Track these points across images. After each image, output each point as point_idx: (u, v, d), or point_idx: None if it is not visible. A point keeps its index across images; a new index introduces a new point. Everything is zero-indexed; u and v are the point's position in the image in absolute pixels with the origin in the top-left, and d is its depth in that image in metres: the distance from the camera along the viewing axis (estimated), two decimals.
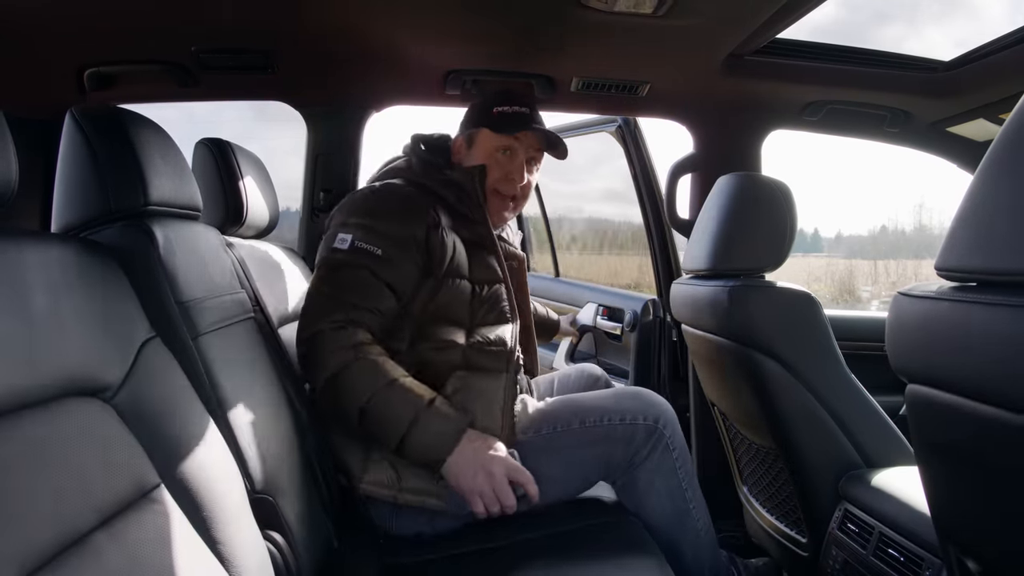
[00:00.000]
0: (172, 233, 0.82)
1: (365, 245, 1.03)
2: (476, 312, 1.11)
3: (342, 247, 1.03)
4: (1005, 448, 0.53)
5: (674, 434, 1.09)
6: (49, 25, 1.10)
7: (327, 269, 1.04)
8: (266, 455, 0.84)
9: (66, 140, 0.80)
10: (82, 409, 0.57)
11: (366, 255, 1.02)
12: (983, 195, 0.53)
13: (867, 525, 1.00)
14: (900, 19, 17.78)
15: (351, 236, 1.04)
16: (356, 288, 1.01)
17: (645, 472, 1.08)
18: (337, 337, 0.97)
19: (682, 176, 1.65)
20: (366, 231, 1.04)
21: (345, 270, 1.02)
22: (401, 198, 1.10)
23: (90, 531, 0.51)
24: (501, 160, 1.17)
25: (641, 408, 1.09)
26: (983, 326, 0.52)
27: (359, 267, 1.02)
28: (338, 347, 0.96)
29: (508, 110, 1.17)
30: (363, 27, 1.20)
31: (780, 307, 1.11)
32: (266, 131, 2.03)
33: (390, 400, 0.95)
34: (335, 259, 1.04)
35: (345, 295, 1.01)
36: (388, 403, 0.95)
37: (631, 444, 1.07)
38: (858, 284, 9.32)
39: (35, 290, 0.55)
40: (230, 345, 0.88)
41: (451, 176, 1.15)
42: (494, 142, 1.17)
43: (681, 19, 1.10)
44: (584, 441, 1.07)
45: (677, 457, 1.09)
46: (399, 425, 0.95)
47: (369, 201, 1.10)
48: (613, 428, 1.07)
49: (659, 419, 1.08)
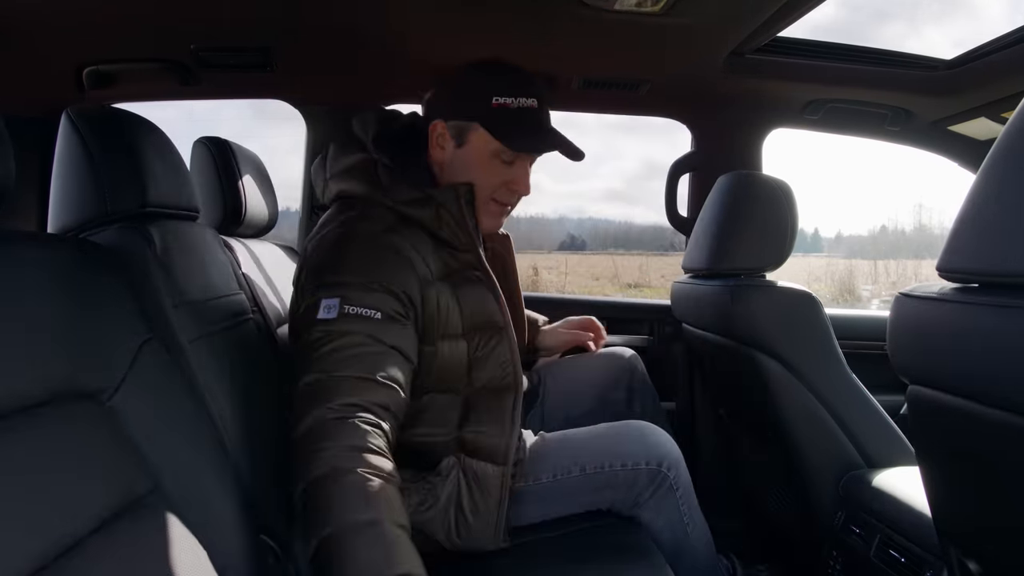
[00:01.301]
0: (170, 234, 0.82)
1: (359, 309, 0.82)
2: (473, 376, 0.94)
3: (328, 316, 0.81)
4: (1006, 449, 0.53)
5: (678, 475, 1.01)
6: (48, 23, 1.10)
7: (312, 351, 0.80)
8: (263, 458, 0.84)
9: (62, 141, 0.80)
10: (78, 411, 0.56)
11: (361, 321, 0.82)
12: (986, 196, 0.52)
13: (869, 526, 1.00)
14: (901, 17, 17.82)
15: (337, 300, 0.82)
16: (357, 361, 0.79)
17: (647, 511, 1.02)
18: (339, 430, 0.74)
19: (682, 175, 1.65)
20: (355, 289, 0.83)
21: (338, 343, 0.80)
22: (386, 244, 0.88)
23: (87, 534, 0.51)
24: (500, 167, 0.96)
25: (644, 452, 1.00)
26: (985, 328, 0.51)
27: (355, 334, 0.81)
28: (335, 444, 0.73)
29: (513, 104, 0.93)
30: (362, 25, 1.19)
31: (781, 307, 1.11)
32: (265, 130, 2.03)
33: (355, 548, 0.67)
34: (323, 334, 0.81)
35: (344, 372, 0.78)
36: (352, 550, 0.66)
37: (633, 488, 1.01)
38: (858, 284, 9.32)
39: (32, 292, 0.55)
40: (228, 347, 0.88)
41: (433, 196, 0.93)
42: (494, 147, 0.94)
43: (682, 17, 1.09)
44: (585, 488, 1.01)
45: (681, 496, 1.02)
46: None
47: (347, 250, 0.87)
48: (615, 474, 0.99)
49: (663, 462, 1.00)
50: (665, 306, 1.63)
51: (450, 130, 0.96)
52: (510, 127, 0.94)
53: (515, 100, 0.93)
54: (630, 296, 8.14)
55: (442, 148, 0.97)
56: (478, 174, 0.96)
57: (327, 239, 0.90)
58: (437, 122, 0.96)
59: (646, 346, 1.66)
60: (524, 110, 0.94)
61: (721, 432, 1.49)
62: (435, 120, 0.96)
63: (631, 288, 9.94)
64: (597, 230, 17.39)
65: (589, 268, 11.92)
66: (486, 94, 0.93)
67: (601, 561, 0.92)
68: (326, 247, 0.89)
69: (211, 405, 0.78)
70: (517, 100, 0.94)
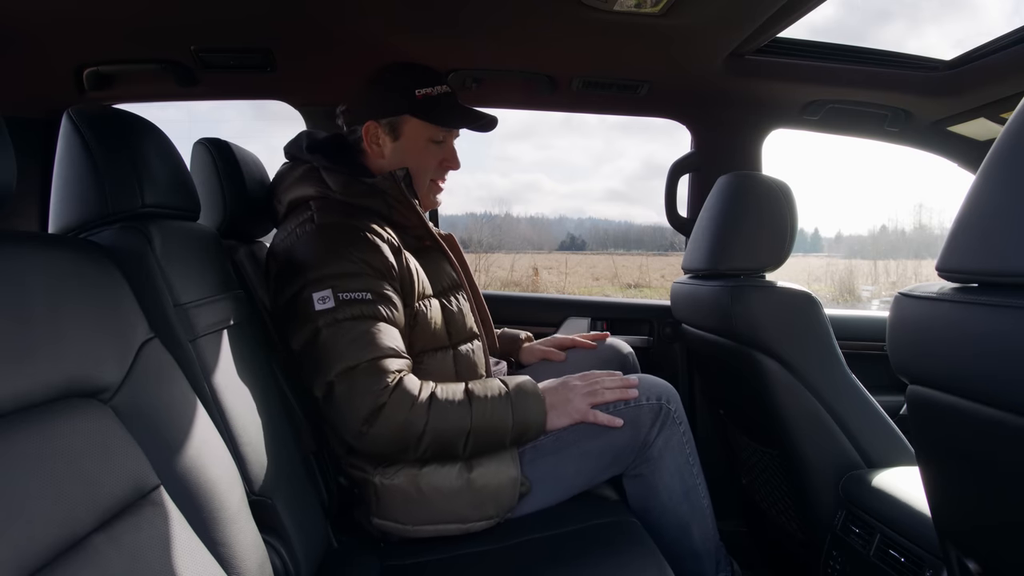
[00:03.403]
0: (170, 235, 0.82)
1: (351, 295, 0.92)
2: (452, 330, 1.07)
3: (327, 307, 0.91)
4: (1006, 449, 0.53)
5: (678, 409, 1.07)
6: (49, 24, 1.10)
7: (315, 334, 0.92)
8: (264, 457, 0.84)
9: (63, 141, 0.80)
10: (80, 410, 0.56)
11: (358, 305, 0.93)
12: (985, 196, 0.52)
13: (869, 526, 1.00)
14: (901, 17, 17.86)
15: (329, 291, 0.92)
16: (364, 341, 0.92)
17: (655, 449, 1.06)
18: (397, 396, 0.91)
19: (682, 175, 1.65)
20: (342, 278, 0.93)
21: (347, 328, 0.92)
22: (352, 228, 0.98)
23: (89, 533, 0.51)
24: (434, 150, 1.10)
25: (643, 390, 1.06)
26: (984, 327, 0.51)
27: (358, 319, 0.92)
28: (403, 401, 0.91)
29: (433, 92, 1.07)
30: (363, 26, 1.20)
31: (781, 307, 1.11)
32: (266, 130, 2.03)
33: (484, 414, 0.95)
34: (329, 322, 0.92)
35: (368, 355, 0.91)
36: (484, 417, 0.95)
37: (638, 426, 1.05)
38: (858, 284, 9.32)
39: (33, 291, 0.55)
40: (229, 347, 0.88)
41: (376, 184, 1.06)
42: (428, 132, 1.08)
43: (682, 18, 1.10)
44: (592, 432, 1.05)
45: (684, 432, 1.07)
46: (504, 429, 0.96)
47: (320, 243, 0.96)
48: (619, 413, 1.05)
49: (662, 396, 1.06)
50: (665, 306, 1.63)
51: (384, 127, 1.08)
52: (438, 110, 1.07)
53: (434, 89, 1.07)
54: (630, 296, 8.15)
55: (379, 145, 1.09)
56: (418, 159, 1.10)
57: (298, 237, 0.99)
58: (369, 123, 1.08)
59: (646, 346, 1.65)
60: (444, 95, 1.08)
61: (721, 432, 1.49)
62: (366, 123, 1.08)
63: (631, 288, 9.95)
64: (597, 230, 17.40)
65: (589, 268, 11.93)
66: (409, 88, 1.06)
67: (601, 559, 0.92)
68: (300, 245, 0.97)
69: (212, 404, 0.78)
70: (435, 88, 1.07)
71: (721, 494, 1.43)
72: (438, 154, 1.11)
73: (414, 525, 1.01)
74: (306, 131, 1.14)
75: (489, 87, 1.45)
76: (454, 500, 0.99)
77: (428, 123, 1.08)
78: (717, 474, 1.54)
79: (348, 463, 1.03)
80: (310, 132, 1.14)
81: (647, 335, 1.67)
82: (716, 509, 1.13)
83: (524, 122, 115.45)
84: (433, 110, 1.07)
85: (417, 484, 0.99)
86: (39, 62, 1.23)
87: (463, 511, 1.00)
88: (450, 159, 1.13)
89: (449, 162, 1.13)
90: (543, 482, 1.05)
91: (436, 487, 0.99)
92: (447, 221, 1.84)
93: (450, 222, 1.76)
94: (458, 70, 1.39)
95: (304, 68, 1.38)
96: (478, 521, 1.01)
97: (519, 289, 8.51)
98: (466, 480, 0.99)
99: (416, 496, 0.99)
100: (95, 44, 1.22)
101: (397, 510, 1.01)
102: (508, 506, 1.02)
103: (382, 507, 1.01)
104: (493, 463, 1.01)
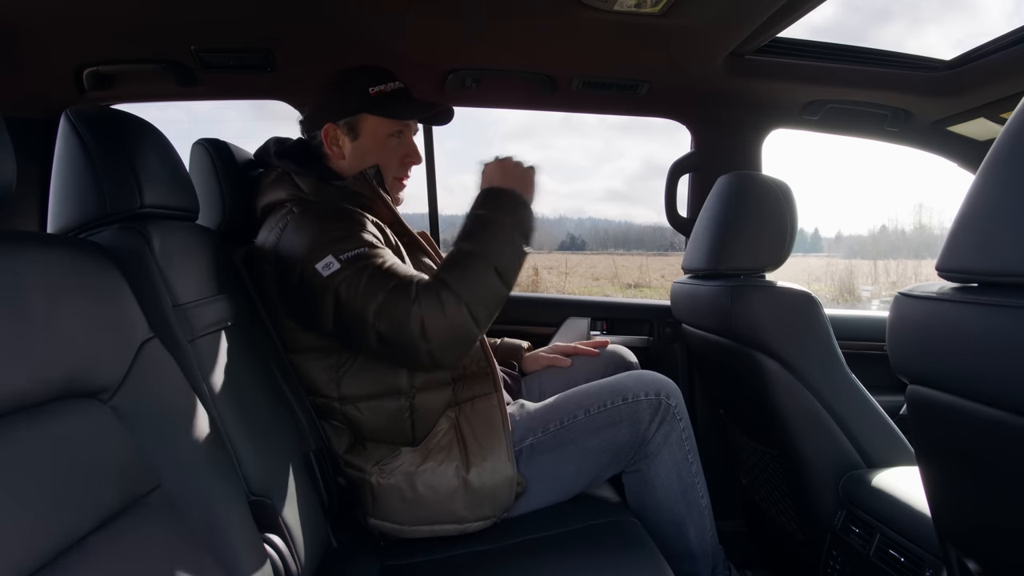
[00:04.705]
0: (169, 235, 0.82)
1: (353, 251, 0.93)
2: None
3: (333, 270, 0.92)
4: (1005, 449, 0.53)
5: (679, 405, 1.08)
6: (48, 24, 1.10)
7: (336, 299, 0.92)
8: (264, 457, 0.84)
9: (61, 142, 0.80)
10: (80, 410, 0.56)
11: (362, 257, 0.93)
12: (985, 196, 0.52)
13: (869, 526, 1.00)
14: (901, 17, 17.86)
15: (330, 255, 0.93)
16: (376, 279, 0.91)
17: (653, 444, 1.06)
18: (424, 293, 0.90)
19: (682, 175, 1.65)
20: (340, 242, 0.94)
21: (354, 281, 0.92)
22: (337, 208, 1.01)
23: (88, 533, 0.51)
24: (394, 146, 1.11)
25: (643, 386, 1.07)
26: (984, 327, 0.51)
27: (366, 266, 0.92)
28: (440, 293, 0.89)
29: (387, 89, 1.09)
30: (363, 26, 1.20)
31: (781, 307, 1.11)
32: (266, 130, 2.03)
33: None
34: (335, 282, 0.92)
35: (391, 281, 0.91)
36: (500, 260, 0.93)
37: (637, 422, 1.05)
38: (858, 284, 9.32)
39: (33, 291, 0.55)
40: (228, 347, 0.88)
41: (347, 187, 1.07)
42: (385, 128, 1.10)
43: (681, 18, 1.10)
44: (590, 428, 1.05)
45: (684, 429, 1.08)
46: (506, 237, 0.95)
47: (313, 220, 0.98)
48: (618, 410, 1.05)
49: (661, 392, 1.06)
50: (665, 306, 1.63)
51: (342, 128, 1.10)
52: (394, 105, 1.09)
53: (387, 85, 1.09)
54: (630, 296, 8.14)
55: (339, 146, 1.11)
56: (379, 156, 1.11)
57: (283, 229, 0.99)
58: (328, 126, 1.09)
59: (646, 346, 1.65)
60: (398, 90, 1.10)
61: (721, 432, 1.49)
62: (324, 125, 1.09)
63: (631, 288, 9.94)
64: (597, 230, 17.37)
65: (589, 268, 11.91)
66: (363, 87, 1.08)
67: (600, 559, 0.92)
68: (288, 233, 0.98)
69: (211, 404, 0.78)
70: (388, 85, 1.09)
71: (721, 494, 1.43)
72: (399, 149, 1.12)
73: (410, 525, 1.01)
74: (274, 137, 1.15)
75: (489, 87, 1.45)
76: (450, 500, 1.00)
77: (384, 118, 1.09)
78: (717, 473, 1.54)
79: (345, 463, 1.03)
80: (278, 139, 1.14)
81: (647, 335, 1.67)
82: (716, 509, 1.13)
83: (524, 122, 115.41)
84: (388, 105, 1.09)
85: (413, 484, 1.00)
86: (39, 62, 1.23)
87: (460, 511, 1.00)
88: (411, 154, 1.14)
89: (410, 157, 1.14)
90: (542, 480, 1.05)
91: (432, 487, 0.99)
92: (448, 221, 1.83)
93: (451, 222, 1.77)
94: (458, 70, 1.39)
95: (304, 68, 1.38)
96: (475, 521, 1.01)
97: (519, 289, 8.46)
98: (462, 480, 0.99)
99: (412, 496, 1.00)
100: (95, 44, 1.22)
101: (394, 510, 1.01)
102: (505, 506, 1.02)
103: (379, 507, 1.02)
104: (489, 462, 1.00)
